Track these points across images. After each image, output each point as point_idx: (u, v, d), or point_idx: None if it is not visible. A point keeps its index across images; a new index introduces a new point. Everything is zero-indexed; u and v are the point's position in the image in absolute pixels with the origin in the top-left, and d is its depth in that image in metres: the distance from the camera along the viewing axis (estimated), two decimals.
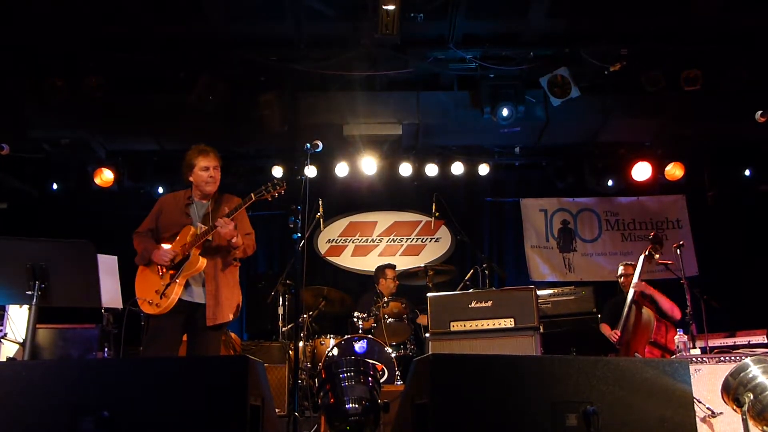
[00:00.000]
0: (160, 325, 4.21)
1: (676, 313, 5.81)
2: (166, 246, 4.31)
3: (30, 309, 3.40)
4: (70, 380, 2.74)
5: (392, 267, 7.26)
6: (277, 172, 8.14)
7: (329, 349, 5.94)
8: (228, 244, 4.29)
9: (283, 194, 4.31)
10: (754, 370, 3.29)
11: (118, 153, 7.98)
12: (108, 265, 5.84)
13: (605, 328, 6.37)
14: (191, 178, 4.42)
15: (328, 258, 8.77)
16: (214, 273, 4.28)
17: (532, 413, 2.71)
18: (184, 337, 4.37)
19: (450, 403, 2.71)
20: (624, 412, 2.75)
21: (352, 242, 8.83)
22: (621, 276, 6.54)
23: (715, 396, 3.99)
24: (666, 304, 5.92)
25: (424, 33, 6.56)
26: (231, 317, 4.34)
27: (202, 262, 4.22)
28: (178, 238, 4.31)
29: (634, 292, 5.75)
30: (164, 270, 4.23)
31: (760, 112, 4.40)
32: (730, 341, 6.10)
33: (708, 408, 4.17)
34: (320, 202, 6.43)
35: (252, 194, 4.26)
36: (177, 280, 4.19)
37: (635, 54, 6.55)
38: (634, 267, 6.42)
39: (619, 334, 5.85)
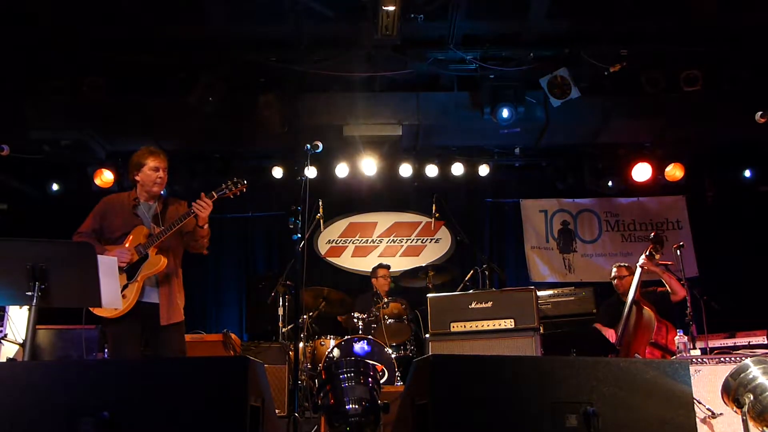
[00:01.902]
0: (121, 330, 4.17)
1: (682, 292, 5.80)
2: (113, 247, 4.24)
3: (30, 310, 3.39)
4: (70, 381, 2.73)
5: (384, 267, 7.33)
6: (277, 172, 8.16)
7: (329, 350, 5.94)
8: (195, 229, 4.26)
9: (245, 192, 4.32)
10: (755, 371, 3.29)
11: (118, 154, 7.97)
12: (108, 266, 5.78)
13: (598, 326, 6.38)
14: (138, 177, 4.39)
15: (328, 259, 8.77)
16: (167, 273, 4.28)
17: (532, 414, 2.71)
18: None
19: (450, 403, 2.71)
20: (624, 413, 2.75)
21: (353, 243, 8.83)
22: (615, 278, 6.54)
23: (715, 397, 3.99)
24: (668, 280, 5.91)
25: (424, 34, 6.56)
26: (183, 316, 4.33)
27: (163, 261, 4.21)
28: (130, 237, 4.25)
29: (641, 272, 5.73)
30: (119, 272, 4.14)
31: (760, 113, 4.40)
32: (730, 342, 6.10)
33: (708, 409, 4.17)
34: (320, 203, 6.43)
35: (213, 192, 4.25)
36: (137, 279, 4.16)
37: (635, 54, 6.56)
38: (627, 268, 6.43)
39: (614, 333, 5.85)
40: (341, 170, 8.15)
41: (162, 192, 4.51)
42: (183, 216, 4.20)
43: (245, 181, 4.31)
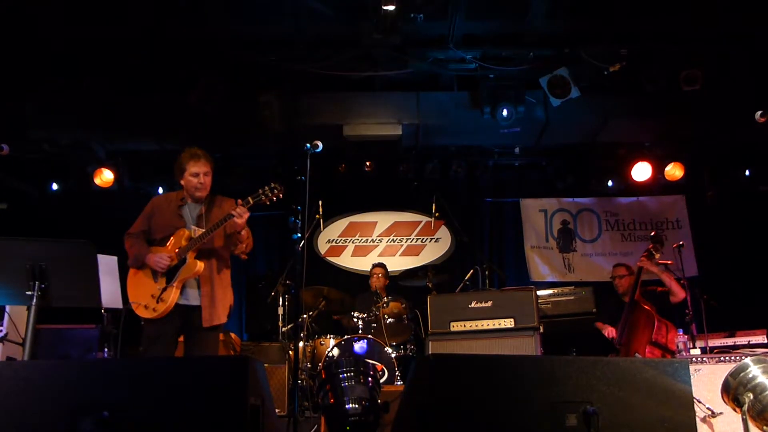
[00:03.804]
0: (158, 330, 4.20)
1: (682, 293, 5.81)
2: (157, 249, 4.30)
3: (30, 309, 3.40)
4: (70, 380, 2.73)
5: (379, 265, 7.34)
6: (277, 172, 8.15)
7: (329, 350, 5.94)
8: (234, 235, 4.28)
9: (281, 197, 4.28)
10: (754, 370, 3.29)
11: (118, 153, 7.98)
12: (108, 266, 5.84)
13: (598, 325, 6.40)
14: (182, 182, 4.41)
15: (328, 258, 8.77)
16: (209, 275, 4.28)
17: (531, 413, 2.71)
18: (181, 338, 4.38)
19: (450, 403, 2.71)
20: (624, 412, 2.75)
21: (352, 242, 8.83)
22: (614, 278, 6.56)
23: (715, 396, 4.00)
24: (669, 281, 5.92)
25: (424, 33, 6.55)
26: (225, 319, 4.34)
27: (200, 265, 4.21)
28: (172, 240, 4.28)
29: (641, 271, 5.75)
30: (159, 275, 4.21)
31: (759, 113, 4.41)
32: (730, 341, 6.10)
33: (708, 408, 4.17)
34: (320, 203, 6.44)
35: (249, 198, 4.23)
36: (174, 284, 4.18)
37: (635, 54, 6.55)
38: (627, 268, 6.45)
39: (615, 330, 5.86)
40: (341, 170, 8.15)
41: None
42: (219, 222, 4.21)
43: (282, 186, 4.25)
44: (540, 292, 6.88)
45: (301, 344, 5.87)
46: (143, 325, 4.31)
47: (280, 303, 6.66)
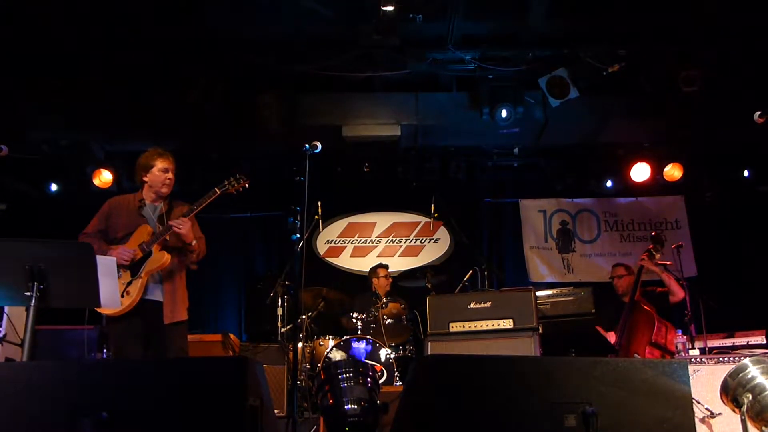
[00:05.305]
0: (125, 330, 4.21)
1: (681, 293, 5.81)
2: (119, 246, 4.30)
3: (29, 310, 3.39)
4: (69, 381, 2.73)
5: (384, 266, 7.31)
6: (276, 173, 8.14)
7: (328, 350, 5.94)
8: (184, 246, 4.32)
9: (247, 188, 4.41)
10: (753, 371, 3.30)
11: (117, 154, 7.98)
12: (107, 267, 5.76)
13: (599, 329, 6.40)
14: (146, 179, 4.46)
15: (327, 259, 8.76)
16: (172, 272, 4.33)
17: (530, 414, 2.71)
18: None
19: (449, 403, 2.71)
20: (623, 413, 2.75)
21: (351, 243, 8.82)
22: (613, 278, 6.55)
23: (714, 397, 3.99)
24: (668, 281, 5.92)
25: (423, 34, 6.55)
26: (186, 315, 4.36)
27: (167, 257, 4.25)
28: (134, 236, 4.31)
29: (641, 270, 5.75)
30: (123, 269, 4.21)
31: (758, 113, 4.40)
32: (728, 342, 6.10)
33: (707, 409, 4.18)
34: (319, 203, 6.44)
35: (216, 188, 4.34)
36: (142, 276, 4.20)
37: (634, 55, 6.55)
38: (626, 268, 6.44)
39: (614, 336, 5.86)
40: (340, 171, 8.15)
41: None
42: (167, 227, 4.24)
43: (246, 177, 4.39)
44: (539, 293, 6.85)
45: (300, 345, 5.87)
46: (110, 326, 4.31)
47: (279, 304, 6.65)
